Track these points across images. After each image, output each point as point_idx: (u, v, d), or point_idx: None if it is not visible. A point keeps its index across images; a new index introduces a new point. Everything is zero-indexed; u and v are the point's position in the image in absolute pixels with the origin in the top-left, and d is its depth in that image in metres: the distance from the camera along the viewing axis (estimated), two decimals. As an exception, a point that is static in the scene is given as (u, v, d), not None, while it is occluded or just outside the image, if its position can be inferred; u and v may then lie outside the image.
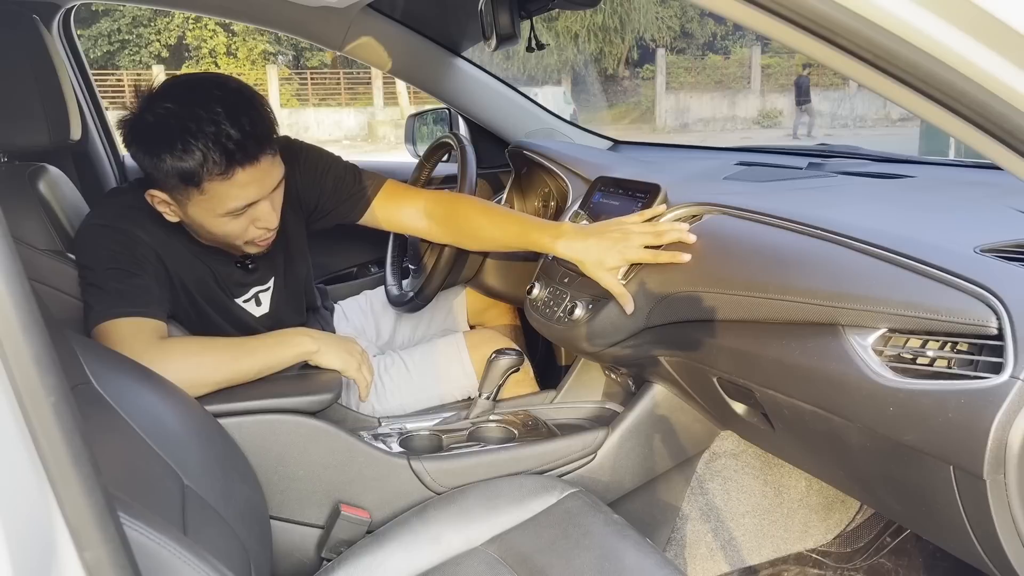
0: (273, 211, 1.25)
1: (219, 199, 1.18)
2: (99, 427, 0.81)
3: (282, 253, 1.45)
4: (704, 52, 21.25)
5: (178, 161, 1.14)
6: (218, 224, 1.22)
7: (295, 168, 1.40)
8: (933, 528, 1.00)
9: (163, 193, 1.20)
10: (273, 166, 1.22)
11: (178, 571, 0.60)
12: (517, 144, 1.97)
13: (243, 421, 1.16)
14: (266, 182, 1.21)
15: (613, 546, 1.05)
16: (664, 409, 1.41)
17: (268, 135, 1.20)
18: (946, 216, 1.18)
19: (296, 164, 1.41)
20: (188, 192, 1.18)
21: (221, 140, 1.13)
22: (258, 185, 1.20)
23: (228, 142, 1.13)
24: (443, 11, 2.00)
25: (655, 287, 1.25)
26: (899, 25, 0.62)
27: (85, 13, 17.06)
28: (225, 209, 1.19)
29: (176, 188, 1.18)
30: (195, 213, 1.21)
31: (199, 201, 1.19)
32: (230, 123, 1.14)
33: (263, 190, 1.21)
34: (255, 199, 1.21)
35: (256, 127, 1.17)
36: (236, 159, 1.15)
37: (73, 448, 0.44)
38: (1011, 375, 0.76)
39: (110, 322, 1.16)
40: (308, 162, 1.46)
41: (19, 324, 0.42)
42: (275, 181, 1.23)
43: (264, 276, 1.43)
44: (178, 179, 1.16)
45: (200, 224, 1.23)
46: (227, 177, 1.16)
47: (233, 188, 1.17)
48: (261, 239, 1.28)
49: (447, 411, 1.55)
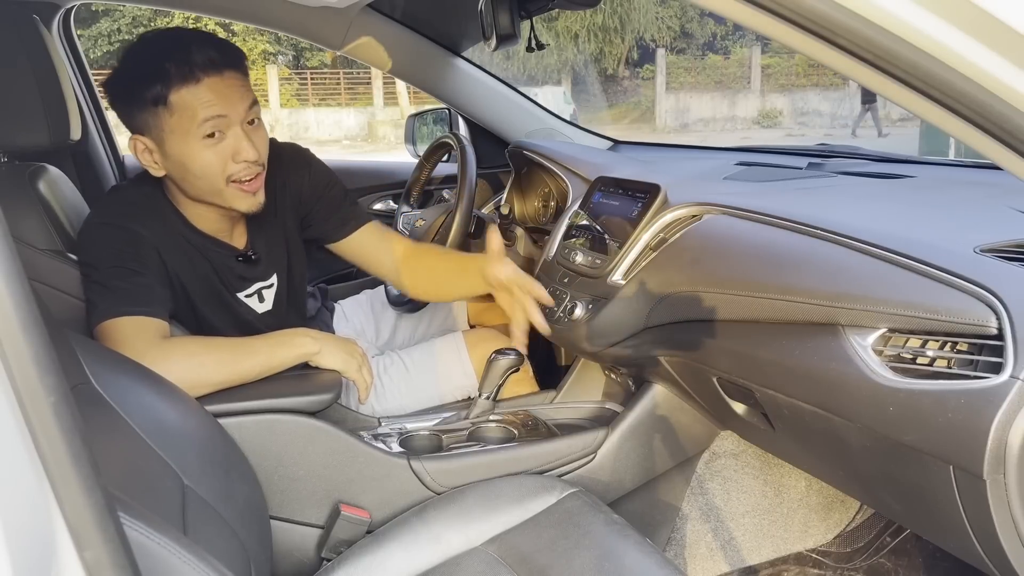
0: (251, 144, 1.23)
1: (188, 113, 1.18)
2: (99, 427, 0.81)
3: (284, 251, 1.46)
4: (704, 52, 21.24)
5: (146, 84, 1.18)
6: (196, 154, 1.21)
7: (305, 173, 1.45)
8: (933, 528, 1.00)
9: (144, 137, 1.22)
10: (242, 88, 1.24)
11: (178, 571, 0.60)
12: (517, 144, 1.98)
13: (243, 421, 1.16)
14: (233, 99, 1.21)
15: (613, 546, 1.05)
16: (664, 409, 1.41)
17: (233, 55, 1.23)
18: (946, 216, 1.18)
19: (307, 170, 1.46)
20: (160, 118, 1.19)
21: (183, 52, 1.18)
22: (225, 99, 1.20)
23: (190, 53, 1.18)
24: (443, 11, 2.00)
25: (655, 287, 1.25)
26: (899, 25, 0.62)
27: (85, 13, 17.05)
28: (196, 124, 1.19)
29: (151, 120, 1.20)
30: (173, 146, 1.21)
31: (173, 126, 1.19)
32: (192, 41, 1.20)
33: (232, 107, 1.21)
34: (223, 113, 1.20)
35: (220, 45, 1.22)
36: (197, 63, 1.18)
37: (73, 448, 0.44)
38: (1011, 375, 0.76)
39: (113, 320, 1.16)
40: (317, 172, 1.49)
41: (19, 324, 0.42)
42: (245, 104, 1.23)
43: (267, 271, 1.43)
44: (150, 103, 1.18)
45: (181, 161, 1.22)
46: (192, 84, 1.18)
47: (199, 96, 1.18)
48: (245, 178, 1.25)
49: (447, 411, 1.55)
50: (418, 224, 1.85)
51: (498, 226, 1.78)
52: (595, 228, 1.42)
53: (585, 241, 1.43)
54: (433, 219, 1.79)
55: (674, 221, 1.30)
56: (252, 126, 1.26)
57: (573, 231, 1.49)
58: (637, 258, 1.31)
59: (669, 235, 1.29)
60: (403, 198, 2.02)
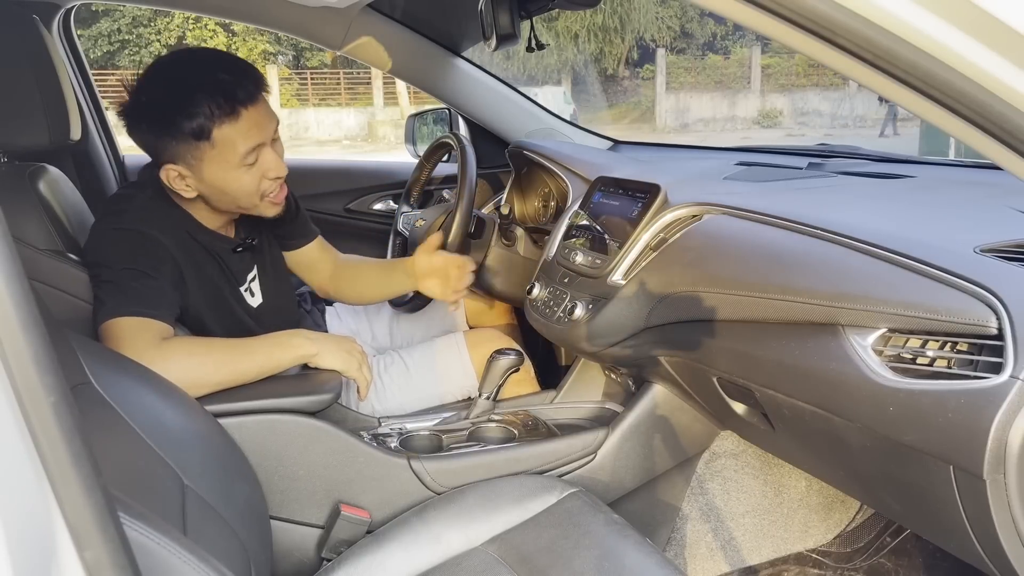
0: (280, 163, 1.31)
1: (230, 146, 1.23)
2: (99, 427, 0.81)
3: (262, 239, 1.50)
4: (704, 52, 21.24)
5: (187, 119, 1.20)
6: (234, 180, 1.27)
7: None
8: (933, 528, 1.00)
9: (177, 165, 1.25)
10: (269, 110, 1.29)
11: (178, 571, 0.60)
12: (517, 144, 1.97)
13: (243, 421, 1.16)
14: (266, 125, 1.28)
15: (613, 546, 1.05)
16: (664, 409, 1.41)
17: (260, 78, 1.28)
18: (946, 216, 1.18)
19: None
20: (201, 150, 1.23)
21: (222, 86, 1.21)
22: (260, 128, 1.26)
23: (228, 86, 1.22)
24: (443, 11, 2.00)
25: (655, 287, 1.25)
26: (899, 25, 0.62)
27: (85, 13, 17.05)
28: (237, 156, 1.24)
29: (189, 151, 1.23)
30: (211, 173, 1.26)
31: (212, 157, 1.24)
32: (224, 71, 1.23)
33: (265, 133, 1.28)
34: (260, 141, 1.26)
35: (247, 71, 1.27)
36: (239, 99, 1.22)
37: (73, 448, 0.44)
38: (1011, 375, 0.76)
39: (119, 319, 1.17)
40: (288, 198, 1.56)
41: (19, 324, 0.42)
42: (274, 126, 1.31)
43: (250, 263, 1.46)
44: (191, 137, 1.21)
45: (218, 186, 1.27)
46: (234, 119, 1.22)
47: (240, 130, 1.23)
48: (275, 194, 1.33)
49: (447, 411, 1.55)
50: (418, 224, 1.85)
51: (498, 226, 1.78)
52: (595, 228, 1.42)
53: (585, 241, 1.43)
54: (433, 219, 1.79)
55: (674, 221, 1.30)
56: (276, 143, 1.33)
57: (573, 231, 1.49)
58: (637, 258, 1.31)
59: (669, 235, 1.29)
60: (403, 198, 2.02)
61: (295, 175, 2.23)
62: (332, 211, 2.28)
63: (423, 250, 1.52)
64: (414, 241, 1.80)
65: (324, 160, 6.07)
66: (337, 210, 2.29)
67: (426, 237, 1.75)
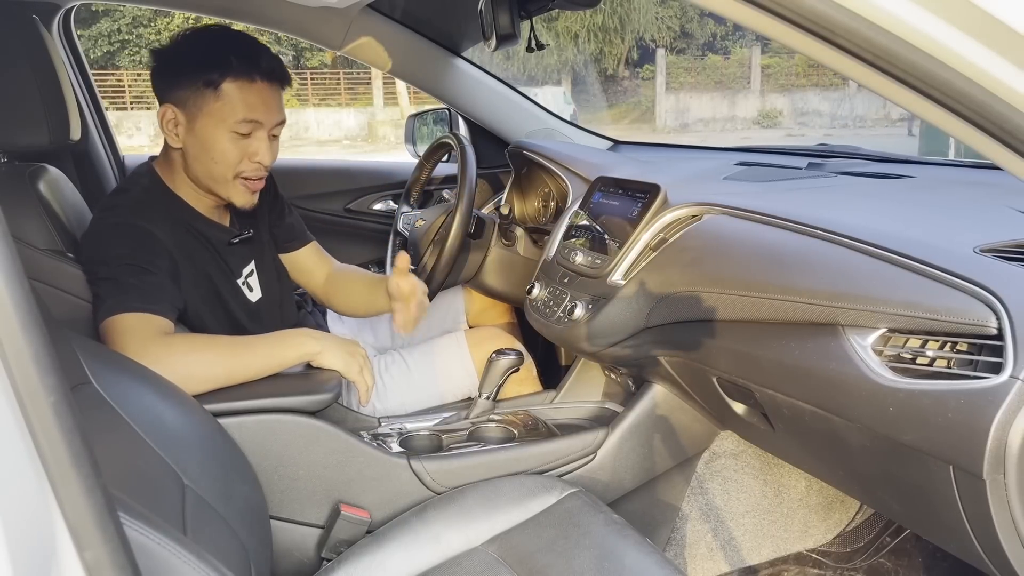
0: (269, 150, 1.33)
1: (231, 106, 1.26)
2: (99, 427, 0.81)
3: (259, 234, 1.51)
4: (704, 52, 21.24)
5: (206, 64, 1.25)
6: (221, 143, 1.28)
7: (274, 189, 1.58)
8: (933, 528, 1.00)
9: (176, 107, 1.28)
10: (280, 103, 1.33)
11: (178, 571, 0.60)
12: (517, 144, 1.97)
13: (243, 421, 1.16)
14: (273, 112, 1.31)
15: (613, 546, 1.05)
16: (664, 409, 1.41)
17: (286, 75, 1.33)
18: (946, 216, 1.18)
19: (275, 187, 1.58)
20: (204, 98, 1.26)
21: (248, 51, 1.28)
22: (267, 108, 1.30)
23: (253, 54, 1.28)
24: (443, 11, 2.00)
25: (655, 287, 1.25)
26: (899, 25, 0.62)
27: (85, 13, 17.03)
28: (233, 118, 1.27)
29: (192, 97, 1.26)
30: (203, 127, 1.28)
31: (212, 110, 1.26)
32: (258, 44, 1.31)
33: (268, 117, 1.31)
34: (260, 119, 1.29)
35: (277, 60, 1.31)
36: (259, 67, 1.27)
37: (73, 448, 0.44)
38: (1011, 375, 0.76)
39: (120, 316, 1.17)
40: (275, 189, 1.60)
41: (19, 324, 0.42)
42: (279, 118, 1.33)
43: (247, 257, 1.46)
44: (201, 83, 1.25)
45: (204, 142, 1.29)
46: (247, 82, 1.26)
47: (248, 96, 1.27)
48: (252, 178, 1.34)
49: (447, 411, 1.55)
50: (418, 224, 1.85)
51: (498, 226, 1.78)
52: (595, 228, 1.42)
53: (585, 241, 1.43)
54: (433, 219, 1.79)
55: (674, 221, 1.30)
56: (274, 138, 1.35)
57: (573, 231, 1.49)
58: (637, 258, 1.31)
59: (669, 235, 1.29)
60: (403, 198, 2.02)
61: (295, 175, 2.23)
62: (332, 211, 2.28)
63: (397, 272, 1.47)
64: (414, 241, 1.79)
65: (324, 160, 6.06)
66: (337, 210, 2.29)
67: (426, 237, 1.75)
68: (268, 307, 1.47)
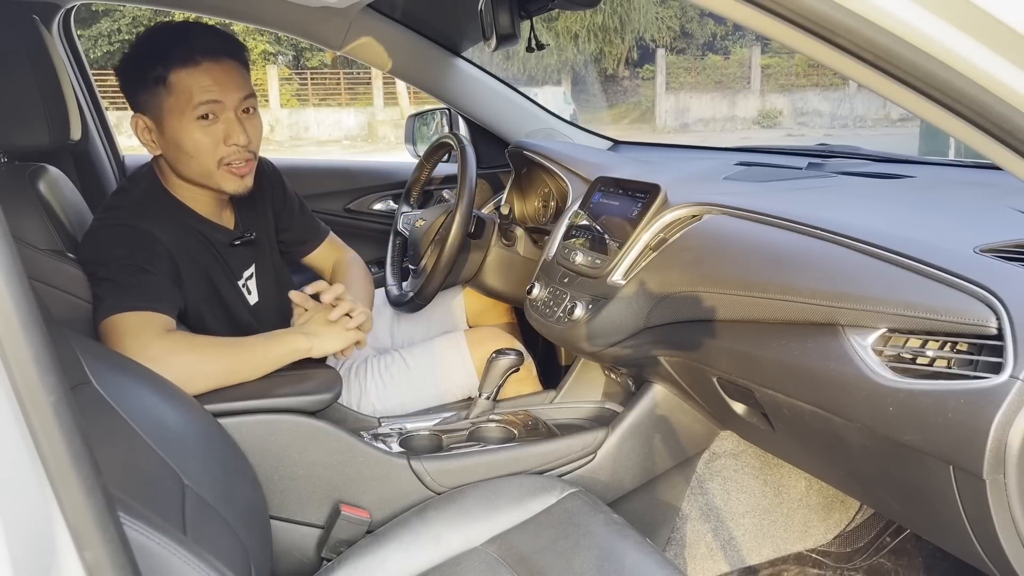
0: (242, 130, 1.30)
1: (185, 94, 1.25)
2: (99, 427, 0.81)
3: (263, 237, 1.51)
4: (704, 52, 21.23)
5: (150, 63, 1.25)
6: (189, 135, 1.27)
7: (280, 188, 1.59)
8: (933, 528, 1.00)
9: (143, 115, 1.29)
10: (240, 77, 1.30)
11: (178, 571, 0.60)
12: (517, 144, 1.97)
13: (243, 421, 1.16)
14: (229, 86, 1.28)
15: (613, 546, 1.05)
16: (664, 409, 1.41)
17: (233, 45, 1.31)
18: (946, 216, 1.18)
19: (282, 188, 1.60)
20: (160, 97, 1.26)
21: (186, 36, 1.27)
22: (222, 86, 1.27)
23: (191, 37, 1.26)
24: (443, 11, 2.00)
25: (655, 287, 1.25)
26: (899, 25, 0.62)
27: (85, 13, 17.02)
28: (191, 106, 1.25)
29: (151, 99, 1.27)
30: (170, 125, 1.27)
31: (170, 107, 1.26)
32: (195, 29, 1.29)
33: (228, 95, 1.28)
34: (218, 98, 1.27)
35: (221, 35, 1.30)
36: (197, 48, 1.25)
37: (73, 448, 0.44)
38: (1011, 375, 0.76)
39: (120, 315, 1.17)
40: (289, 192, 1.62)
41: (19, 324, 0.42)
42: (241, 93, 1.30)
43: (248, 259, 1.46)
44: (151, 82, 1.25)
45: (176, 140, 1.28)
46: (191, 67, 1.25)
47: (197, 80, 1.25)
48: (236, 161, 1.31)
49: (447, 411, 1.55)
50: (418, 224, 1.85)
51: (498, 226, 1.78)
52: (595, 228, 1.42)
53: (585, 241, 1.43)
54: (433, 219, 1.79)
55: (674, 221, 1.30)
56: (247, 115, 1.32)
57: (573, 231, 1.49)
58: (637, 258, 1.31)
59: (669, 235, 1.29)
60: (403, 198, 2.02)
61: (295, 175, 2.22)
62: (332, 211, 2.28)
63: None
64: (414, 241, 1.79)
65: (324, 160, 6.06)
66: (337, 210, 2.29)
67: (426, 237, 1.75)
68: (266, 311, 1.46)
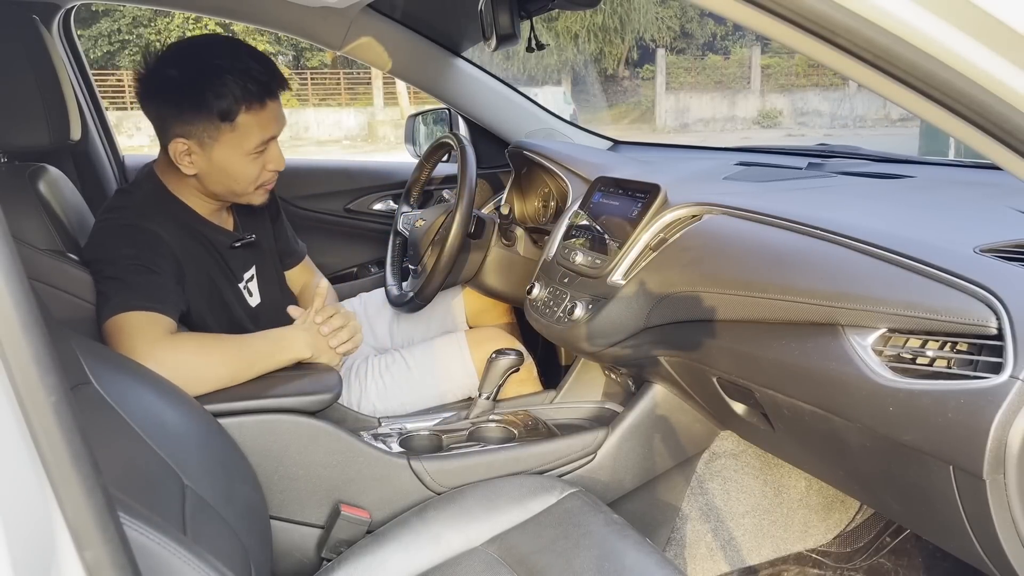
0: (280, 153, 1.37)
1: (248, 133, 1.28)
2: (99, 427, 0.81)
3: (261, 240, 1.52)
4: (704, 52, 21.23)
5: (217, 98, 1.24)
6: (240, 166, 1.30)
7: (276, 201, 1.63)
8: (933, 528, 1.00)
9: (189, 140, 1.27)
10: (282, 107, 1.35)
11: (178, 571, 0.60)
12: (517, 144, 1.97)
13: (243, 421, 1.16)
14: (281, 120, 1.35)
15: (613, 546, 1.05)
16: (664, 409, 1.41)
17: (283, 76, 1.34)
18: (946, 216, 1.18)
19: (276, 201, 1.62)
20: (219, 131, 1.27)
21: (253, 74, 1.26)
22: (277, 122, 1.33)
23: (259, 75, 1.27)
24: (443, 11, 2.00)
25: (655, 287, 1.25)
26: (899, 25, 0.62)
27: (85, 13, 17.03)
28: (252, 144, 1.29)
29: (207, 130, 1.26)
30: (221, 155, 1.29)
31: (228, 140, 1.28)
32: (254, 61, 1.28)
33: (280, 127, 1.34)
34: (276, 133, 1.33)
35: (272, 64, 1.32)
36: (268, 89, 1.29)
37: (73, 448, 0.44)
38: (1011, 375, 0.76)
39: (125, 314, 1.17)
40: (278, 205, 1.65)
41: (19, 324, 0.42)
42: (284, 123, 1.36)
43: (248, 261, 1.47)
44: (216, 117, 1.25)
45: (224, 168, 1.30)
46: (260, 108, 1.28)
47: (263, 120, 1.29)
48: (268, 183, 1.38)
49: (447, 411, 1.55)
50: (418, 224, 1.85)
51: (498, 226, 1.78)
52: (595, 228, 1.42)
53: (585, 241, 1.43)
54: (433, 219, 1.79)
55: (674, 221, 1.30)
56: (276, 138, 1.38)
57: (573, 231, 1.49)
58: (637, 258, 1.31)
59: (669, 235, 1.29)
60: (403, 198, 2.02)
61: (295, 175, 2.22)
62: (332, 211, 2.28)
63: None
64: (414, 241, 1.79)
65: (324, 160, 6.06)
66: (337, 210, 2.29)
67: (426, 237, 1.75)
68: (267, 313, 1.47)
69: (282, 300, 1.54)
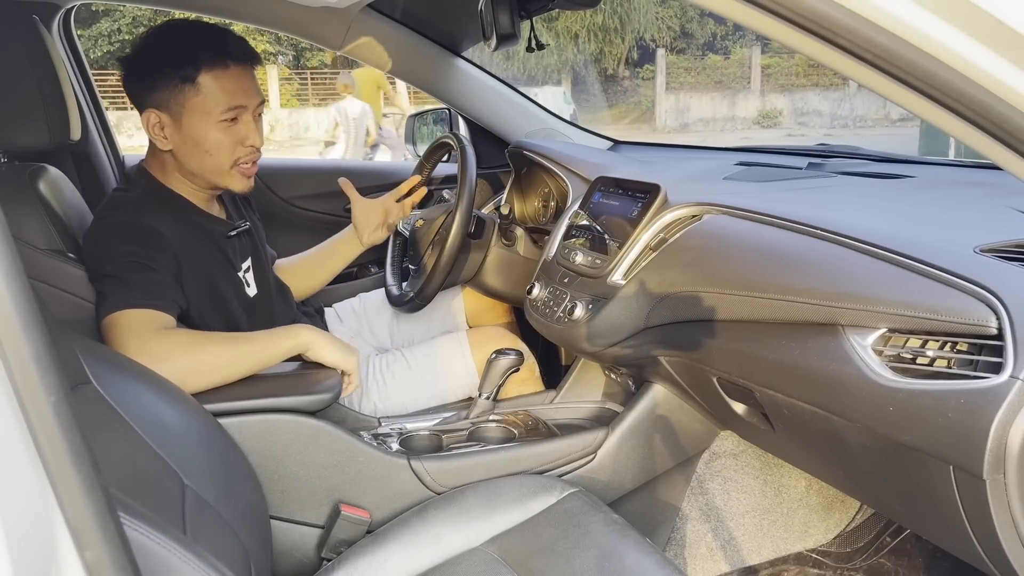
0: (259, 133, 1.37)
1: (213, 96, 1.28)
2: (99, 427, 0.81)
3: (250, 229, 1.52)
4: (704, 52, 21.22)
5: (178, 61, 1.27)
6: (211, 135, 1.31)
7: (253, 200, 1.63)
8: (933, 528, 1.00)
9: (159, 111, 1.30)
10: (257, 84, 1.36)
11: (178, 571, 0.60)
12: (517, 144, 1.97)
13: (243, 421, 1.16)
14: (252, 92, 1.34)
15: (613, 546, 1.05)
16: (664, 409, 1.41)
17: (255, 53, 1.35)
18: (946, 216, 1.18)
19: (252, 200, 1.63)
20: (185, 95, 1.28)
21: (215, 39, 1.30)
22: (245, 92, 1.32)
23: (220, 40, 1.30)
24: (443, 11, 2.00)
25: (655, 287, 1.25)
26: (899, 25, 0.62)
27: (85, 13, 17.02)
28: (219, 108, 1.29)
29: (173, 96, 1.28)
30: (190, 123, 1.30)
31: (195, 105, 1.28)
32: (225, 31, 1.33)
33: (250, 99, 1.33)
34: (243, 103, 1.32)
35: (242, 41, 1.33)
36: (230, 53, 1.29)
37: (73, 448, 0.44)
38: (1011, 375, 0.76)
39: (124, 312, 1.17)
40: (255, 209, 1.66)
41: (19, 324, 0.42)
42: (259, 100, 1.37)
43: (245, 251, 1.48)
44: (178, 79, 1.27)
45: (195, 139, 1.30)
46: (222, 69, 1.29)
47: (225, 83, 1.29)
48: (247, 162, 1.37)
49: (447, 411, 1.55)
50: (418, 224, 1.85)
51: (498, 226, 1.78)
52: (595, 228, 1.42)
53: (585, 241, 1.43)
54: (433, 219, 1.79)
55: (674, 221, 1.30)
56: (258, 118, 1.38)
57: (573, 231, 1.49)
58: (637, 258, 1.31)
59: (669, 235, 1.29)
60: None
61: (295, 175, 2.22)
62: (332, 211, 2.28)
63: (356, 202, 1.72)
64: (414, 241, 1.79)
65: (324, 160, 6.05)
66: (337, 210, 2.29)
67: (426, 237, 1.75)
68: (263, 303, 1.47)
69: (275, 293, 1.54)
